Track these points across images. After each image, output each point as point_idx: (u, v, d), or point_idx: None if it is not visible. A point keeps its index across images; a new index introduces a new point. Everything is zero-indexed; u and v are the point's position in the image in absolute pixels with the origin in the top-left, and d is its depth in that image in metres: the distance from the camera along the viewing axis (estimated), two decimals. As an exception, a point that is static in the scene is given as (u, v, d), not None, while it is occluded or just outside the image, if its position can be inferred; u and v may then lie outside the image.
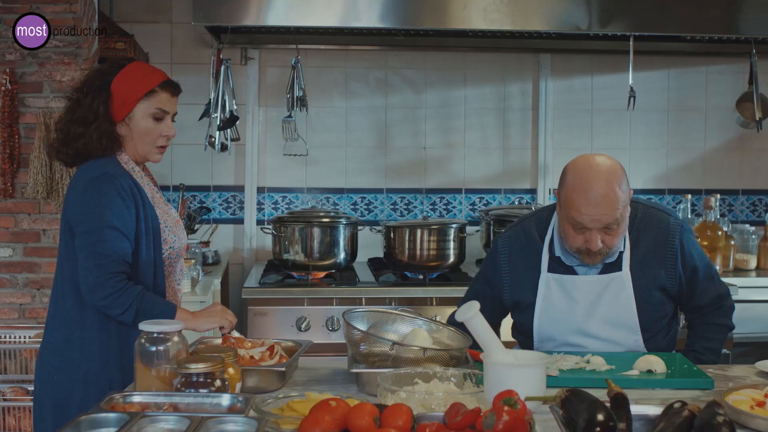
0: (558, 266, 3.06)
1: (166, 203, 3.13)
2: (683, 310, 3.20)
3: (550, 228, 3.10)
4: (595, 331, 3.01)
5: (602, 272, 3.02)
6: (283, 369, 2.55)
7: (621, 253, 3.01)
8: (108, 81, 3.00)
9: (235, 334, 2.71)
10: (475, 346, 2.53)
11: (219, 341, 2.75)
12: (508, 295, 3.16)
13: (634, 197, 3.02)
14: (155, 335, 2.30)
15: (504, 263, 3.16)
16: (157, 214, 2.99)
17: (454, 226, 4.74)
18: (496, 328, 3.17)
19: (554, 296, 3.05)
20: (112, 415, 1.96)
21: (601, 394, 1.98)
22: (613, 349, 2.99)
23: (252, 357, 2.59)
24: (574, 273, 3.05)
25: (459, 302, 3.23)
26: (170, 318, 2.77)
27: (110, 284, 2.81)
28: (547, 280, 3.06)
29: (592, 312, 3.01)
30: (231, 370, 2.32)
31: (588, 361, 2.74)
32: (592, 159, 2.93)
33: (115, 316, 2.83)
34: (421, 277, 4.72)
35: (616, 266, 3.01)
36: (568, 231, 2.93)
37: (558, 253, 3.05)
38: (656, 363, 2.68)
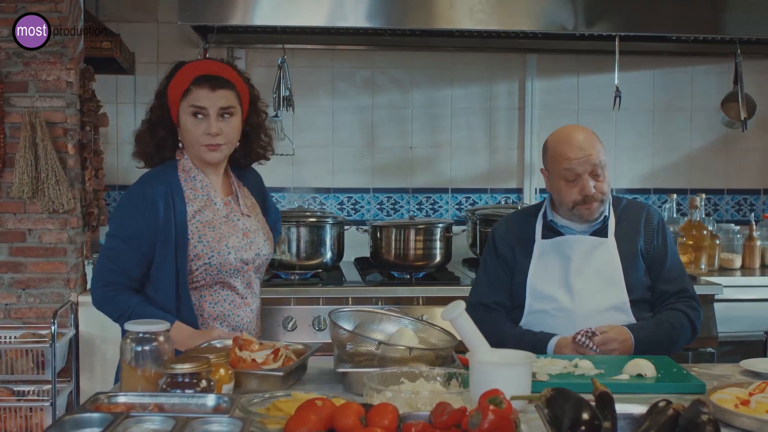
0: (551, 233, 3.28)
1: (228, 216, 3.03)
2: (652, 296, 3.27)
3: (544, 204, 3.35)
4: (586, 285, 3.18)
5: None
6: (281, 374, 2.51)
7: (606, 222, 3.25)
8: (166, 85, 3.01)
9: (246, 335, 2.69)
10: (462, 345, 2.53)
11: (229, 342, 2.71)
12: (507, 258, 3.34)
13: (620, 195, 3.30)
14: (141, 335, 2.29)
15: (501, 236, 3.38)
16: (188, 228, 2.93)
17: (440, 225, 4.74)
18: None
19: (548, 257, 3.25)
20: (96, 415, 1.96)
21: (591, 399, 1.98)
22: (601, 304, 3.16)
23: (254, 360, 2.57)
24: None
25: (471, 288, 3.48)
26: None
27: (100, 293, 2.94)
28: (541, 246, 3.28)
29: (584, 266, 3.20)
30: (222, 371, 2.31)
31: (576, 366, 2.75)
32: (570, 124, 3.38)
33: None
34: (407, 276, 4.71)
35: (602, 234, 3.24)
36: (562, 188, 3.19)
37: (550, 217, 3.29)
38: (646, 367, 2.68)
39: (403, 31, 5.01)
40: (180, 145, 3.03)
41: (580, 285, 3.18)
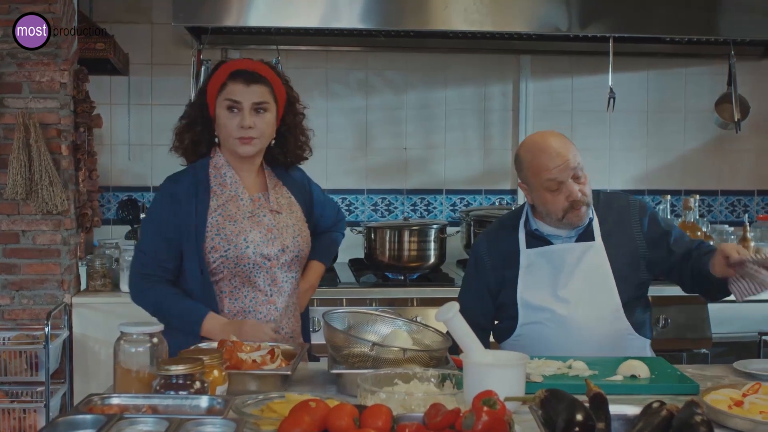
0: (536, 241, 3.20)
1: (253, 212, 3.08)
2: (672, 272, 3.20)
3: (524, 212, 3.26)
4: (578, 293, 3.12)
5: (577, 241, 3.19)
6: (288, 372, 2.53)
7: (591, 223, 3.17)
8: (206, 83, 3.11)
9: (232, 337, 2.69)
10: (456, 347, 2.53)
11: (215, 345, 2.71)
12: (491, 277, 3.24)
13: (595, 189, 3.21)
14: (135, 336, 2.29)
15: (484, 252, 3.29)
16: (208, 220, 3.01)
17: (434, 226, 4.75)
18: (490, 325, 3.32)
19: (537, 266, 3.17)
20: (89, 416, 1.95)
21: (585, 400, 1.98)
22: (595, 311, 3.10)
23: (254, 361, 2.57)
24: (551, 245, 3.20)
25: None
26: (196, 322, 2.88)
27: (134, 283, 3.06)
28: (527, 255, 3.19)
29: (574, 275, 3.13)
30: (216, 373, 2.31)
31: (570, 366, 2.74)
32: (537, 132, 3.25)
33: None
34: (401, 277, 4.72)
35: (588, 237, 3.17)
36: (547, 198, 3.09)
37: (534, 226, 3.20)
38: (640, 368, 2.67)
39: (397, 32, 5.01)
40: (216, 140, 3.11)
41: (573, 293, 3.12)
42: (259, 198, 3.13)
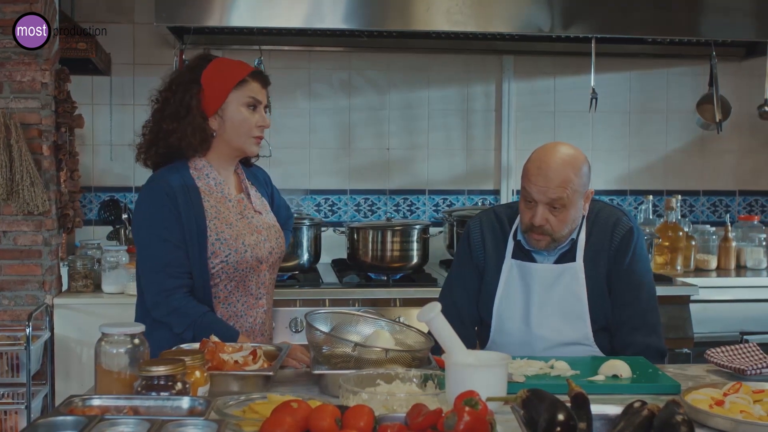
0: (520, 253, 3.12)
1: (242, 213, 3.04)
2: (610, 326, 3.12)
3: (518, 217, 3.14)
4: (547, 320, 3.05)
5: (557, 262, 3.09)
6: (271, 373, 2.52)
7: (575, 243, 3.08)
8: (197, 75, 3.00)
9: (214, 338, 2.69)
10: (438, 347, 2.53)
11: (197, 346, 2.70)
12: (483, 265, 3.19)
13: (598, 197, 3.07)
14: (116, 337, 2.28)
15: (477, 240, 3.23)
16: (207, 224, 2.92)
17: (417, 227, 4.75)
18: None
19: (514, 282, 3.11)
20: (69, 418, 1.94)
21: (567, 400, 1.98)
22: (561, 339, 3.04)
23: (236, 362, 2.56)
24: (533, 261, 3.11)
25: (441, 290, 3.35)
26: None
27: (168, 302, 2.88)
28: (510, 266, 3.13)
29: (546, 299, 3.06)
30: (197, 374, 2.30)
31: (552, 366, 2.75)
32: (558, 143, 3.10)
33: (176, 334, 2.85)
34: (384, 278, 4.72)
35: (570, 257, 3.08)
36: (521, 206, 3.03)
37: (519, 236, 3.12)
38: (621, 368, 2.68)
39: (380, 32, 5.01)
40: (213, 134, 3.01)
41: (541, 319, 3.04)
42: (242, 199, 3.09)
